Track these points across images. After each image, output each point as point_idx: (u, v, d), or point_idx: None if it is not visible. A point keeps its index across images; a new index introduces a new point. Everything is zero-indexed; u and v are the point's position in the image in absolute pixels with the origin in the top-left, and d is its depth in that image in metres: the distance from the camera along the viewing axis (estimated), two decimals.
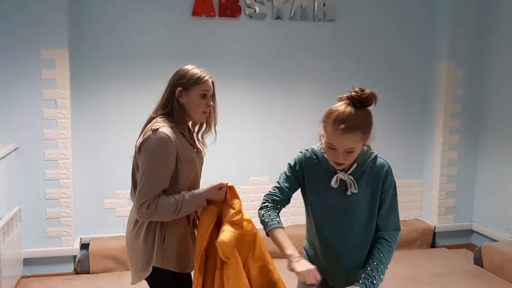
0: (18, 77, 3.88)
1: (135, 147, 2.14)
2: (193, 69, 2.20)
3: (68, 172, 4.04)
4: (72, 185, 4.09)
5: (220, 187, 2.11)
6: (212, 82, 2.21)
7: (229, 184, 2.13)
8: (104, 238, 4.31)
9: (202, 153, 2.29)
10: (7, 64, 3.86)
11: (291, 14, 4.51)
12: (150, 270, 2.09)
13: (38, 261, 4.07)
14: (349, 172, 1.98)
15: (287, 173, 2.12)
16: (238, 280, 1.99)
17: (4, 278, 3.44)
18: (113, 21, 4.21)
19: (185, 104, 2.15)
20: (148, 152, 2.03)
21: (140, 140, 2.09)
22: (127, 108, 4.31)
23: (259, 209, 2.10)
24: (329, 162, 1.98)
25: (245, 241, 2.12)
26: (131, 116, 4.29)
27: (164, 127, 2.06)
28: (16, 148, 3.90)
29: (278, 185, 2.12)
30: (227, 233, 1.97)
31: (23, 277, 4.02)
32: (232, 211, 2.06)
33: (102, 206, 4.36)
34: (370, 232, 2.04)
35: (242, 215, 2.10)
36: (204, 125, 2.28)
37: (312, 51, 4.63)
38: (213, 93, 2.23)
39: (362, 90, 1.89)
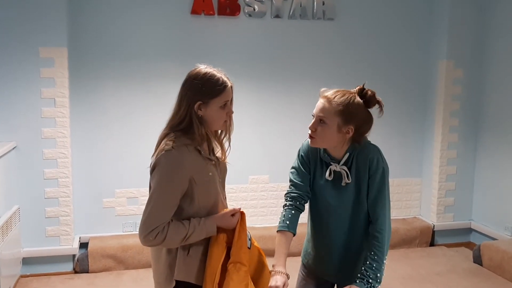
0: (16, 76, 3.87)
1: (150, 165, 1.96)
2: (211, 75, 1.96)
3: (67, 171, 4.03)
4: (71, 184, 4.09)
5: (233, 213, 1.98)
6: (231, 87, 2.02)
7: (241, 210, 2.02)
8: (103, 237, 4.30)
9: (222, 163, 2.12)
10: (5, 63, 3.84)
11: (290, 13, 4.51)
12: (174, 283, 1.96)
13: (37, 260, 4.06)
14: (341, 162, 1.97)
15: (297, 166, 2.11)
16: None
17: (3, 277, 3.43)
18: (112, 19, 4.20)
19: (204, 117, 1.95)
20: (159, 175, 1.88)
21: (153, 160, 1.93)
22: (126, 107, 4.30)
23: (282, 207, 2.12)
24: (325, 154, 2.01)
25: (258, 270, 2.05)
26: (130, 114, 4.29)
27: (177, 147, 1.89)
28: (15, 147, 3.89)
29: (292, 182, 2.12)
30: (228, 285, 1.89)
31: (22, 276, 4.01)
32: (235, 247, 1.96)
33: (101, 205, 4.35)
34: (358, 219, 2.02)
35: (245, 251, 1.98)
36: (223, 132, 2.09)
37: (311, 50, 4.63)
38: (232, 97, 2.03)
39: (371, 90, 1.98)
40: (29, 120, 3.93)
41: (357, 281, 1.91)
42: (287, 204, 2.09)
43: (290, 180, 2.13)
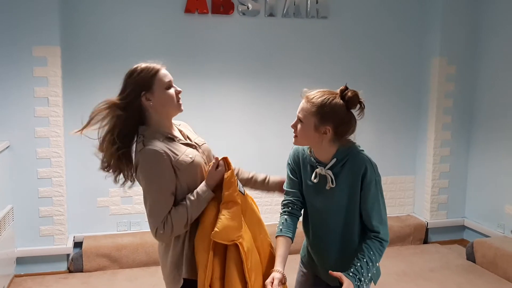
0: (9, 75, 3.85)
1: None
2: (139, 66, 2.06)
3: (61, 170, 4.02)
4: (65, 184, 4.07)
5: (216, 166, 1.98)
6: (164, 68, 2.05)
7: (221, 157, 2.02)
8: (97, 236, 4.29)
9: (204, 143, 2.15)
10: None
11: (284, 11, 4.51)
12: (181, 282, 1.97)
13: (31, 260, 4.04)
14: (327, 167, 1.99)
15: (288, 174, 2.16)
16: (253, 256, 1.97)
17: None
18: (106, 18, 4.19)
19: (156, 105, 1.98)
20: (143, 173, 1.92)
21: (134, 162, 1.97)
22: None
23: None
24: (311, 158, 2.04)
25: (251, 216, 2.07)
26: None
27: (148, 142, 1.92)
28: (8, 147, 3.88)
29: (285, 189, 2.18)
30: (221, 221, 1.90)
31: (16, 276, 4.00)
32: (224, 189, 1.96)
33: (95, 204, 4.34)
34: (352, 228, 2.03)
35: (235, 189, 1.99)
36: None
37: (305, 48, 4.63)
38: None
39: (352, 91, 1.93)
40: (22, 119, 3.91)
41: (350, 274, 1.91)
42: (281, 211, 2.14)
43: (283, 187, 2.20)
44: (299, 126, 1.99)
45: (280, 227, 2.06)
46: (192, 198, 1.94)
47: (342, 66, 4.68)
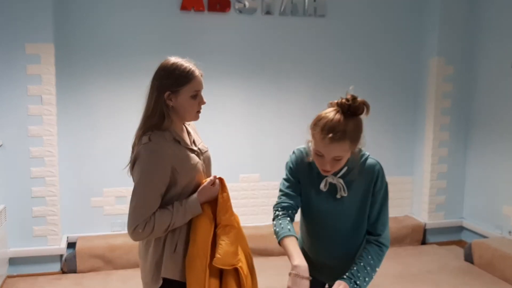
0: (2, 72, 3.80)
1: (129, 162, 1.97)
2: (178, 64, 1.94)
3: (54, 169, 3.97)
4: (58, 183, 4.02)
5: (211, 183, 1.97)
6: (201, 75, 2.00)
7: (218, 177, 2.01)
8: (91, 237, 4.24)
9: (206, 151, 2.12)
10: None
11: (281, 9, 4.47)
12: (161, 282, 1.95)
13: (24, 260, 3.99)
14: (339, 175, 1.94)
15: (287, 176, 2.07)
16: (248, 278, 1.99)
17: None
18: (100, 15, 4.14)
19: (175, 108, 1.94)
20: (140, 167, 1.88)
21: (133, 155, 1.94)
22: (114, 105, 4.24)
23: (272, 221, 2.04)
24: None
25: (240, 234, 2.06)
26: (118, 112, 4.23)
27: (155, 139, 1.89)
28: (0, 145, 3.82)
29: (282, 192, 2.06)
30: (221, 247, 1.92)
31: (8, 276, 3.95)
32: (221, 212, 1.98)
33: (89, 204, 4.29)
34: (359, 233, 2.01)
35: (231, 212, 2.01)
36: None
37: (302, 47, 4.59)
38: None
39: (354, 98, 1.81)
40: (15, 118, 3.86)
41: (345, 277, 1.87)
42: (280, 214, 2.01)
43: (281, 190, 2.08)
44: (337, 164, 1.87)
45: (288, 227, 1.94)
46: (179, 206, 1.92)
47: (339, 65, 4.64)
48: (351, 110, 1.82)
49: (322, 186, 1.96)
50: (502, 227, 4.47)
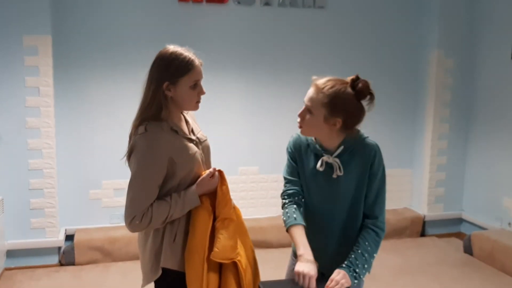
0: (0, 64, 3.77)
1: (126, 153, 1.94)
2: (177, 53, 1.89)
3: (52, 161, 3.95)
4: (56, 175, 4.00)
5: (211, 175, 1.94)
6: (201, 65, 1.95)
7: (217, 169, 1.98)
8: (89, 229, 4.23)
9: (205, 140, 2.08)
10: None
11: (280, 0, 4.44)
12: (160, 272, 1.93)
13: (22, 253, 3.98)
14: (334, 154, 1.93)
15: (288, 161, 2.07)
16: (248, 271, 1.99)
17: None
18: (98, 7, 4.11)
19: (174, 98, 1.90)
20: (137, 158, 1.85)
21: (129, 146, 1.91)
22: (112, 96, 4.22)
23: (281, 209, 2.04)
24: (316, 145, 1.96)
25: (241, 228, 2.06)
26: (116, 104, 4.21)
27: (151, 129, 1.86)
28: None
29: (286, 179, 2.07)
30: (220, 241, 1.90)
31: (6, 269, 3.94)
32: (220, 205, 1.96)
33: (87, 196, 4.28)
34: (356, 216, 1.98)
35: (230, 205, 2.00)
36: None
37: (301, 38, 4.56)
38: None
39: (364, 81, 1.91)
40: (12, 110, 3.84)
41: (344, 266, 1.87)
42: (287, 202, 2.02)
43: (285, 178, 2.08)
44: (307, 116, 1.91)
45: (294, 215, 1.94)
46: (178, 198, 1.89)
47: (339, 58, 4.62)
48: (353, 87, 1.89)
49: (318, 165, 1.95)
50: (501, 219, 4.46)
